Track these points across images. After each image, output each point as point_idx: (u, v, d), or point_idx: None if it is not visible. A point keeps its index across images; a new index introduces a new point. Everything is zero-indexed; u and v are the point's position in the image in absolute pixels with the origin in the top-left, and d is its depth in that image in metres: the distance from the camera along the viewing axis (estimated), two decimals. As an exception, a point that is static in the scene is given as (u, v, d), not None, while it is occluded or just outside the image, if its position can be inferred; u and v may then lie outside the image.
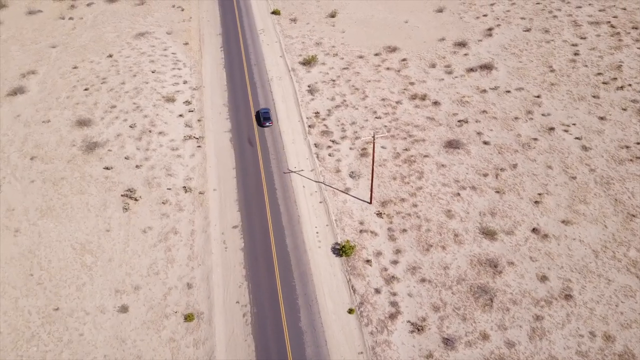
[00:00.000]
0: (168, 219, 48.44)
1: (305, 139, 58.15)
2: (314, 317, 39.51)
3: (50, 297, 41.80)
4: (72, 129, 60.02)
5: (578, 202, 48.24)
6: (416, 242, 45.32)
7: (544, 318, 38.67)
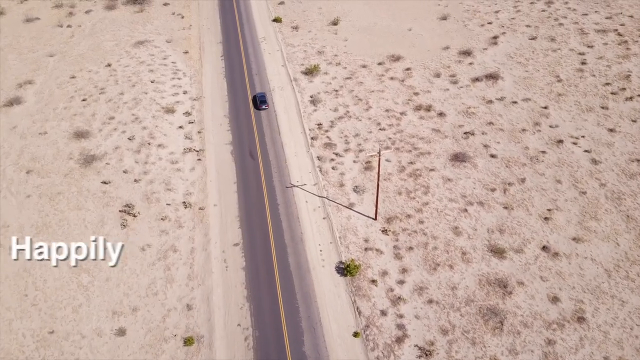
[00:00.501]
0: (167, 236, 47.34)
1: (307, 151, 57.07)
2: (318, 340, 38.36)
3: (45, 319, 40.68)
4: (70, 141, 58.96)
5: (589, 219, 47.11)
6: (423, 260, 44.19)
7: (556, 342, 37.51)
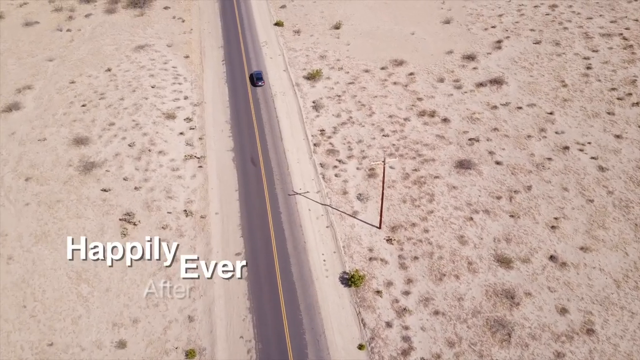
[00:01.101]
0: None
1: (310, 158, 56.56)
2: (323, 353, 37.80)
3: (45, 330, 40.12)
4: (69, 148, 58.46)
5: (597, 227, 46.56)
6: (428, 270, 43.64)
7: (565, 355, 36.96)
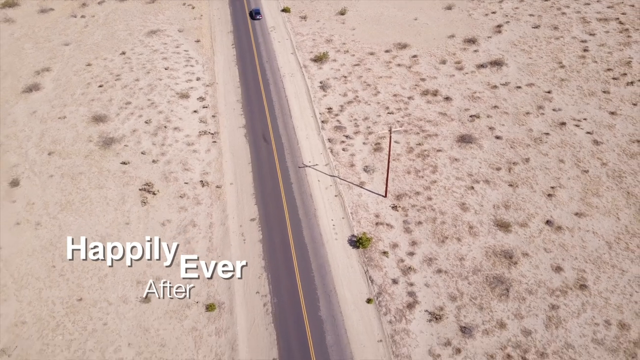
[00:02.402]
0: (186, 212, 49.36)
1: (318, 134, 59.02)
2: (333, 307, 40.38)
3: (73, 288, 42.75)
4: (88, 125, 61.01)
5: (591, 195, 49.00)
6: (431, 234, 46.16)
7: (559, 307, 39.48)
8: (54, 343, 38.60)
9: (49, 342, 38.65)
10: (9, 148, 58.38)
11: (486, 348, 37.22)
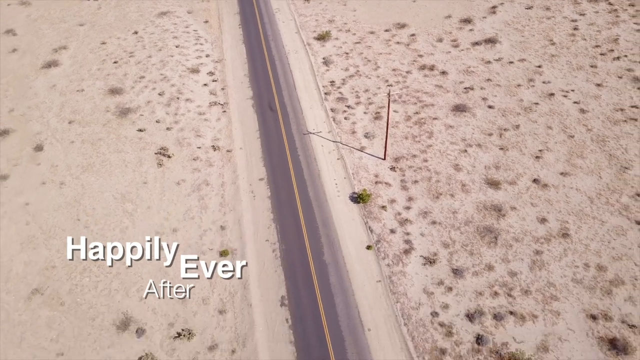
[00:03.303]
0: (199, 173, 52.60)
1: (322, 104, 62.12)
2: (336, 252, 43.67)
3: (97, 238, 45.97)
4: (105, 97, 64.16)
5: (575, 157, 52.09)
6: (427, 191, 49.35)
7: (543, 252, 42.70)
8: (82, 284, 41.95)
9: (77, 283, 42.00)
10: (32, 117, 61.59)
11: (475, 287, 40.49)
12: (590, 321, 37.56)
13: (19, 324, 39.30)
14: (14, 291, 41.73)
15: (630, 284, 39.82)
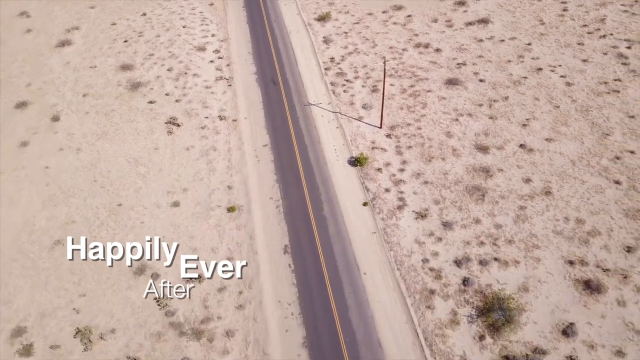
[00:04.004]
0: (207, 140, 55.43)
1: (322, 79, 64.82)
2: (335, 208, 46.56)
3: (113, 196, 48.99)
4: (117, 73, 66.91)
5: (560, 125, 54.81)
6: (420, 155, 52.16)
7: (526, 208, 45.54)
8: (100, 236, 44.90)
9: (96, 235, 44.96)
10: (48, 91, 64.39)
11: (463, 237, 43.38)
12: (567, 266, 40.44)
13: (43, 270, 42.28)
14: (37, 242, 44.71)
15: (606, 234, 42.66)
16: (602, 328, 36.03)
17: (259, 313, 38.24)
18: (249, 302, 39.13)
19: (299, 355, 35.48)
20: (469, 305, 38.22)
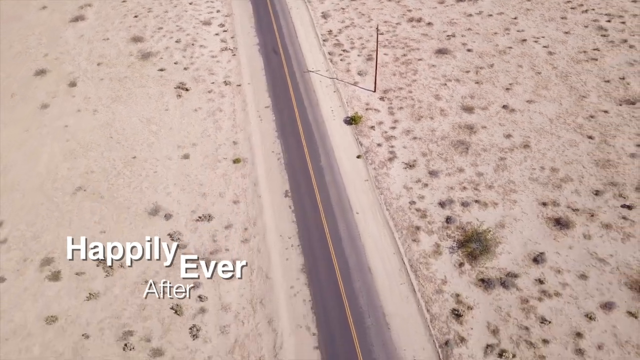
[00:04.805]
0: (213, 102, 58.84)
1: (320, 49, 68.08)
2: (331, 160, 50.08)
3: (128, 150, 52.51)
4: (128, 44, 70.20)
5: (541, 89, 58.14)
6: (410, 115, 55.57)
7: (506, 159, 49.01)
8: (117, 183, 48.50)
9: (113, 183, 48.55)
10: (64, 60, 67.74)
11: (447, 183, 46.91)
12: (541, 207, 43.99)
13: (67, 212, 45.90)
14: (61, 189, 48.30)
15: (577, 181, 46.17)
16: (569, 257, 39.63)
17: (263, 245, 41.89)
18: (253, 237, 42.77)
19: (298, 278, 39.17)
20: (451, 239, 41.83)
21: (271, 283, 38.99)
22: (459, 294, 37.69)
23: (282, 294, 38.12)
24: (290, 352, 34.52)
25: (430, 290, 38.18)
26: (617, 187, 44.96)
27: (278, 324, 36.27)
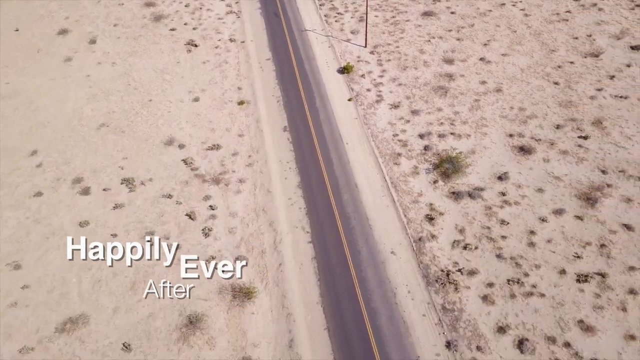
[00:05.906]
0: (220, 56, 63.51)
1: (317, 12, 72.54)
2: (325, 102, 54.85)
3: (144, 95, 57.32)
4: (142, 9, 74.67)
5: (515, 45, 62.70)
6: (397, 66, 60.26)
7: (480, 100, 53.79)
8: (136, 121, 53.41)
9: (133, 120, 53.46)
10: (84, 23, 72.27)
11: (427, 120, 51.76)
12: (508, 138, 48.88)
13: (92, 143, 50.87)
14: (87, 125, 53.23)
15: (542, 118, 50.98)
16: (529, 175, 44.62)
17: (264, 167, 46.94)
18: (256, 162, 47.80)
19: (295, 192, 44.25)
20: (427, 162, 46.82)
21: (272, 196, 44.08)
22: (432, 203, 42.77)
23: (281, 203, 43.23)
24: (288, 245, 39.69)
25: (408, 200, 43.27)
26: (576, 122, 49.77)
27: (278, 225, 41.41)
